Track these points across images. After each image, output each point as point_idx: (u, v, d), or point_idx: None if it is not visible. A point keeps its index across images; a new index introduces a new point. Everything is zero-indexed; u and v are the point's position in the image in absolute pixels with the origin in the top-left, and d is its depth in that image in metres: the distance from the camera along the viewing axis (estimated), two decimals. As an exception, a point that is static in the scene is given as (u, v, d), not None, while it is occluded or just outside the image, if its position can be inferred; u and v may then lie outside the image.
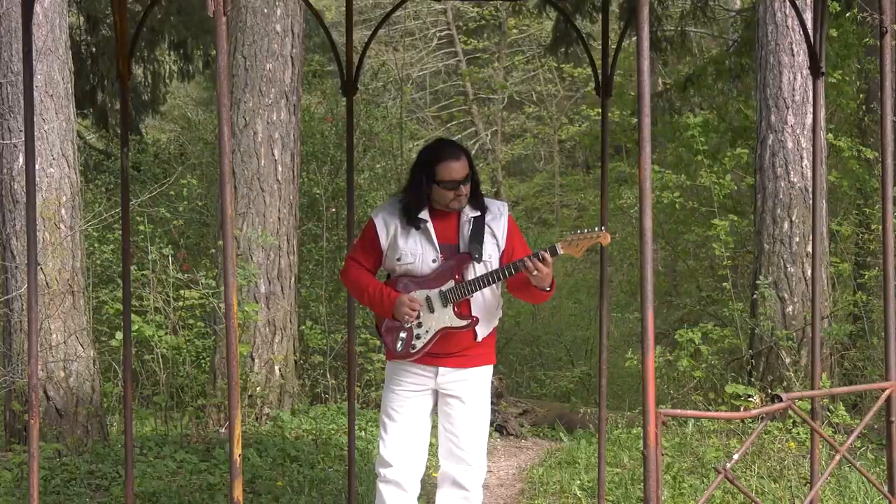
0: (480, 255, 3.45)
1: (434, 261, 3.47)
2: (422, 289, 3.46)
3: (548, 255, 3.33)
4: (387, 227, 3.53)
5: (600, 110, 4.50)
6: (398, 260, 3.50)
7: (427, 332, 3.46)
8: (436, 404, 3.60)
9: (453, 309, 3.44)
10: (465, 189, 3.46)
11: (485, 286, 3.41)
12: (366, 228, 3.61)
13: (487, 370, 3.61)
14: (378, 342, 7.42)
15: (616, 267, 15.25)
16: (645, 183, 2.53)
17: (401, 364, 3.57)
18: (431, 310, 3.45)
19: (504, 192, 18.42)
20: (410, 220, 3.49)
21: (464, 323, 3.44)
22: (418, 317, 3.45)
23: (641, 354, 2.51)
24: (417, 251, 3.48)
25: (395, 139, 10.89)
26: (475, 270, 3.46)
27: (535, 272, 3.32)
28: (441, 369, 3.52)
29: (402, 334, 3.49)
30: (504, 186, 18.82)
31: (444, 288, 3.44)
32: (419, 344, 3.47)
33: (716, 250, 7.64)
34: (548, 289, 3.41)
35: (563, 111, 18.90)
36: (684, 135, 9.22)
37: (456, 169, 3.43)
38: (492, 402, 3.73)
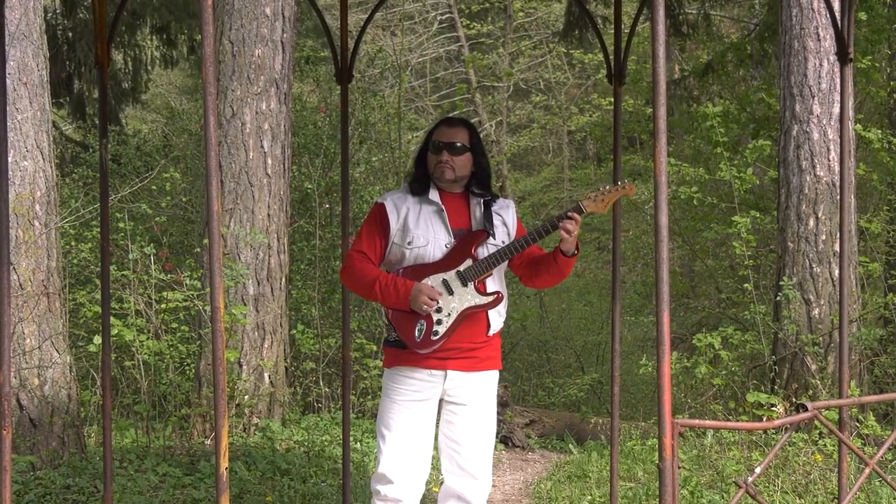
0: (494, 233, 3.51)
1: (447, 245, 3.49)
2: (436, 273, 3.47)
3: (576, 215, 3.39)
4: (397, 210, 3.54)
5: (612, 99, 4.49)
6: (409, 244, 3.50)
7: (449, 315, 3.45)
8: (438, 414, 3.60)
9: (475, 286, 3.46)
10: (451, 159, 3.50)
11: (508, 257, 3.46)
12: (372, 213, 3.60)
13: (494, 376, 3.62)
14: (374, 347, 7.41)
15: (629, 267, 15.24)
16: (660, 177, 2.53)
17: (402, 370, 3.54)
18: (451, 292, 3.46)
19: (509, 186, 18.43)
20: (422, 198, 3.54)
21: (489, 299, 3.46)
22: (437, 302, 3.45)
23: (657, 360, 2.51)
24: (430, 234, 3.50)
25: (393, 130, 10.89)
26: (488, 250, 3.51)
27: (572, 229, 3.38)
28: (450, 373, 3.51)
29: (421, 323, 3.47)
30: (509, 181, 18.82)
31: (461, 268, 3.46)
32: (441, 329, 3.44)
33: (736, 249, 7.63)
34: (575, 252, 3.46)
35: (573, 100, 18.90)
36: (703, 125, 9.21)
37: (446, 132, 3.53)
38: (496, 412, 3.72)
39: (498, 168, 18.07)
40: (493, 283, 3.52)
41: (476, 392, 3.54)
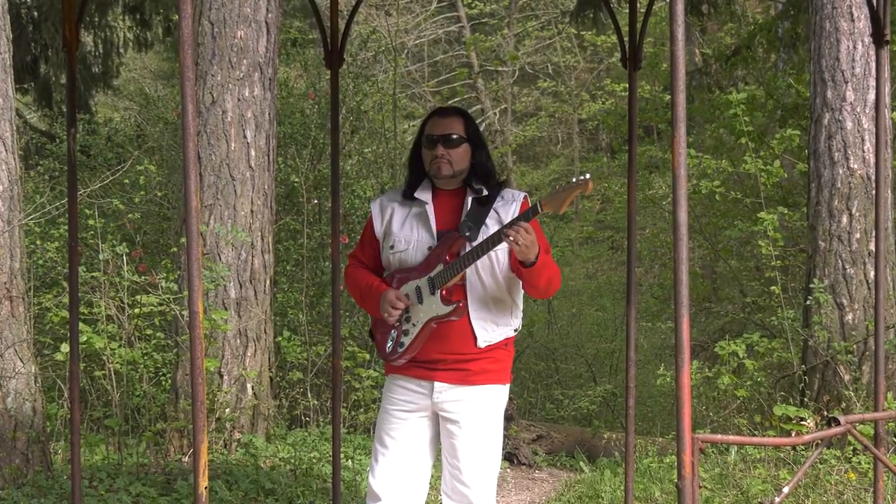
0: (475, 235, 3.43)
1: (430, 248, 3.50)
2: (412, 280, 3.49)
3: (526, 224, 3.26)
4: (382, 213, 3.59)
5: (627, 85, 4.49)
6: (391, 248, 3.54)
7: (415, 325, 3.47)
8: (438, 432, 3.60)
9: (441, 294, 3.43)
10: (447, 152, 3.47)
11: (472, 261, 3.38)
12: (368, 219, 3.71)
13: (496, 391, 3.56)
14: (367, 356, 7.42)
15: (646, 268, 15.24)
16: (679, 170, 2.53)
17: (396, 379, 3.58)
18: (420, 300, 3.47)
19: (515, 179, 18.42)
20: (408, 197, 3.53)
21: (448, 309, 3.41)
22: (407, 311, 3.48)
23: (675, 370, 2.51)
24: (412, 237, 3.51)
25: (388, 119, 10.88)
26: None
27: (520, 240, 3.25)
28: (437, 385, 3.50)
29: (392, 333, 3.54)
30: (514, 174, 18.82)
31: (432, 273, 3.46)
32: (407, 341, 3.48)
33: (762, 248, 7.63)
34: (533, 259, 3.33)
35: (584, 86, 18.89)
36: (726, 113, 9.21)
37: (439, 124, 3.50)
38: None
39: (502, 160, 18.07)
40: (480, 291, 3.45)
41: (471, 408, 3.51)
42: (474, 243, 3.43)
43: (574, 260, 15.94)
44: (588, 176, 3.26)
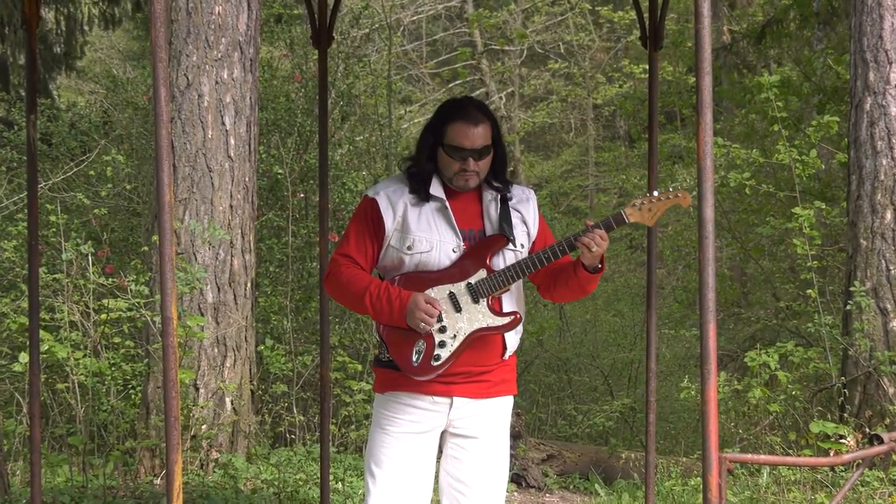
0: (514, 238, 3.50)
1: (454, 250, 3.48)
2: (441, 284, 3.46)
3: (603, 231, 3.37)
4: (393, 207, 3.52)
5: (647, 66, 4.49)
6: (409, 249, 3.48)
7: (454, 337, 3.42)
8: (440, 447, 3.59)
9: (488, 304, 3.44)
10: (477, 165, 3.47)
11: (530, 272, 3.44)
12: (362, 210, 3.59)
13: (508, 402, 3.62)
14: (360, 367, 7.42)
15: (668, 269, 15.24)
16: (705, 160, 2.53)
17: (399, 397, 3.52)
18: (458, 308, 3.43)
19: (523, 171, 18.44)
20: (421, 194, 3.52)
21: (505, 321, 3.44)
22: (440, 319, 3.42)
23: (701, 383, 2.52)
24: (434, 237, 3.48)
25: (382, 103, 10.88)
26: (505, 259, 3.49)
27: (594, 248, 3.36)
28: (456, 400, 3.49)
29: (420, 344, 3.44)
30: (523, 165, 18.84)
31: (472, 280, 3.44)
32: (445, 354, 3.42)
33: (797, 248, 7.64)
34: (599, 266, 3.45)
35: (600, 67, 18.90)
36: (757, 98, 9.22)
37: (469, 134, 3.45)
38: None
39: (509, 150, 18.07)
40: (510, 299, 3.51)
41: (487, 422, 3.54)
42: (515, 248, 3.49)
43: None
44: (682, 187, 3.33)
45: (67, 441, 6.31)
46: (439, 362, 3.41)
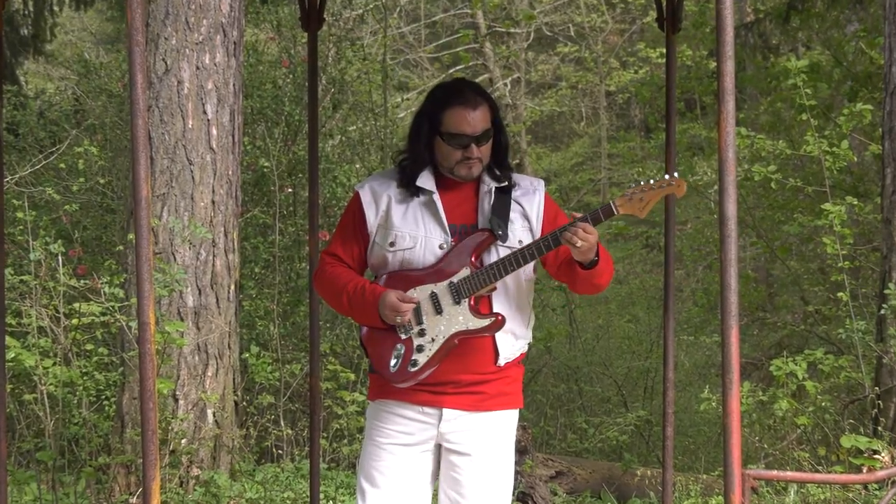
0: (506, 233, 3.47)
1: (441, 246, 3.48)
2: (424, 284, 3.47)
3: (588, 224, 3.32)
4: (376, 201, 3.55)
5: (665, 50, 4.49)
6: (391, 245, 3.50)
7: (433, 341, 3.43)
8: (439, 464, 3.60)
9: (469, 305, 3.43)
10: (479, 151, 3.47)
11: (513, 269, 3.41)
12: (349, 205, 3.64)
13: (510, 417, 3.60)
14: (352, 376, 7.42)
15: (687, 270, 15.23)
16: (727, 152, 2.53)
17: (388, 405, 3.55)
18: (438, 310, 3.44)
19: (529, 164, 18.44)
20: (409, 188, 3.52)
21: (485, 322, 3.42)
22: (420, 322, 3.44)
23: (722, 393, 2.52)
24: (419, 233, 3.49)
25: (377, 91, 10.88)
26: (498, 254, 3.47)
27: (579, 243, 3.32)
28: (446, 412, 3.50)
29: (399, 348, 3.47)
30: (530, 157, 18.84)
31: (455, 279, 3.44)
32: (422, 359, 3.44)
33: (827, 247, 7.64)
34: (596, 258, 3.42)
35: (613, 51, 18.91)
36: (783, 84, 9.22)
37: (469, 119, 3.46)
38: (513, 461, 3.72)
39: (515, 140, 18.06)
40: (504, 300, 3.49)
41: (484, 438, 3.53)
42: (506, 243, 3.46)
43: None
44: (677, 176, 3.32)
45: (36, 456, 6.31)
46: (416, 368, 3.44)
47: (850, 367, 7.26)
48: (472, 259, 3.44)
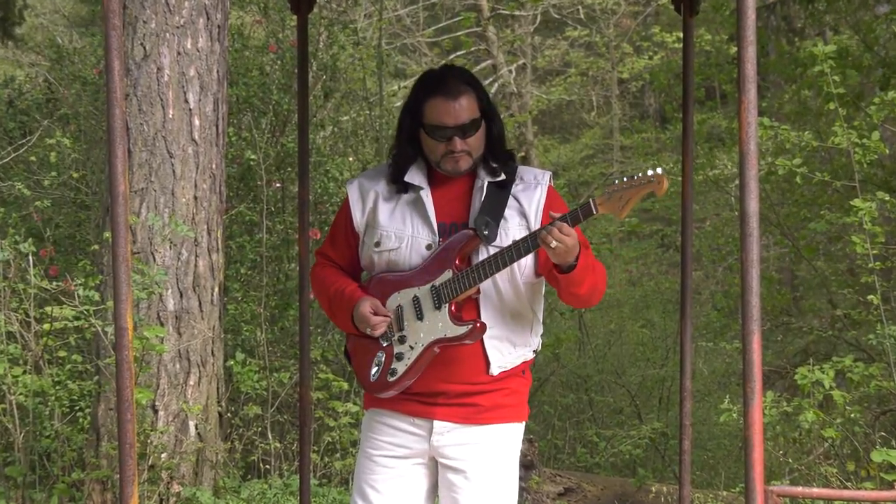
0: (494, 233, 3.43)
1: (429, 247, 3.48)
2: (407, 287, 3.48)
3: (565, 224, 3.26)
4: (363, 199, 3.57)
5: (682, 34, 4.50)
6: (377, 245, 3.52)
7: (412, 348, 3.45)
8: (436, 481, 3.61)
9: (450, 310, 3.43)
10: (465, 143, 3.46)
11: (493, 272, 3.38)
12: (342, 203, 3.68)
13: (512, 432, 3.60)
14: (345, 385, 7.43)
15: (706, 271, 15.22)
16: (749, 144, 2.53)
17: (381, 415, 3.57)
18: (419, 315, 3.45)
19: (536, 157, 18.45)
20: (398, 184, 3.53)
21: (463, 330, 3.40)
22: (401, 328, 3.46)
23: (744, 404, 2.52)
24: (405, 232, 3.50)
25: (372, 78, 10.88)
26: (488, 254, 3.44)
27: (553, 244, 3.26)
28: (437, 424, 3.51)
29: (380, 356, 3.50)
30: (536, 150, 18.85)
31: (437, 282, 3.44)
32: (401, 368, 3.45)
33: (857, 246, 7.64)
34: (572, 262, 3.34)
35: (626, 36, 18.91)
36: (810, 71, 9.22)
37: (451, 110, 3.45)
38: (518, 476, 3.72)
39: (520, 131, 18.09)
40: (497, 305, 3.46)
41: (480, 454, 3.53)
42: (494, 243, 3.44)
43: (613, 261, 15.94)
44: (660, 171, 3.27)
45: (4, 472, 6.31)
46: (395, 377, 3.46)
47: (882, 376, 7.25)
48: (457, 261, 3.43)
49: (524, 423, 3.64)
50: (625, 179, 3.31)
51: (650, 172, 3.28)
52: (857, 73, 10.18)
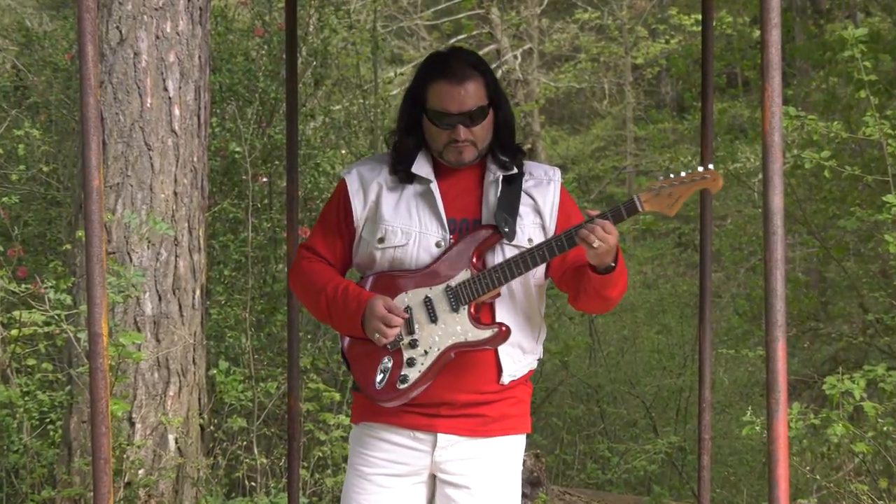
0: (513, 230, 3.45)
1: (439, 244, 3.47)
2: (417, 287, 3.46)
3: (608, 222, 3.28)
4: (364, 190, 3.54)
5: (700, 17, 4.50)
6: (380, 242, 3.49)
7: (426, 353, 3.42)
8: (433, 497, 3.60)
9: (469, 313, 3.43)
10: (470, 132, 3.45)
11: (521, 272, 3.40)
12: (333, 195, 3.64)
13: (516, 444, 3.61)
14: (337, 396, 7.43)
15: (727, 273, 15.22)
16: (773, 135, 2.53)
17: (374, 429, 3.56)
18: (433, 318, 3.43)
19: (543, 150, 18.45)
20: (402, 174, 3.51)
21: (487, 334, 3.41)
22: (411, 331, 3.43)
23: (767, 416, 2.52)
24: (412, 227, 3.48)
25: (366, 64, 10.88)
26: (504, 255, 3.46)
27: (596, 243, 3.27)
28: (441, 437, 3.51)
29: (386, 361, 3.46)
30: (543, 142, 18.85)
31: (452, 282, 3.43)
32: (413, 375, 3.42)
33: (890, 246, 7.64)
34: (613, 264, 3.38)
35: (641, 18, 18.91)
36: (839, 56, 9.22)
37: (455, 95, 3.44)
38: (523, 494, 3.73)
39: (526, 122, 18.10)
40: (510, 308, 3.48)
41: (484, 469, 3.53)
42: (514, 241, 3.44)
43: (627, 262, 15.94)
44: (711, 166, 3.30)
45: (-31, 489, 6.32)
46: (406, 385, 3.43)
47: (917, 386, 7.26)
48: (474, 260, 3.43)
49: (527, 434, 3.65)
50: (671, 176, 3.34)
51: (700, 169, 3.32)
52: (890, 58, 10.18)
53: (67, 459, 6.64)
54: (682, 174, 3.34)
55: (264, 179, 8.80)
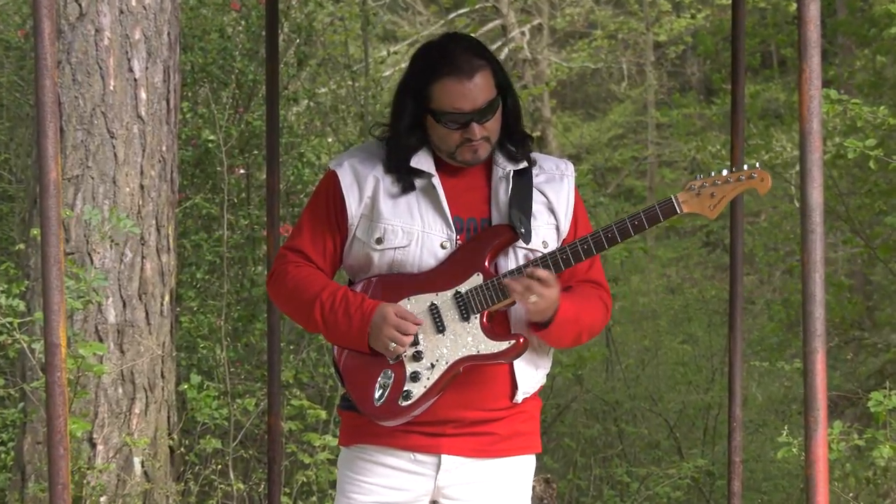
0: (529, 230, 3.46)
1: (444, 245, 3.48)
2: (421, 293, 3.47)
3: (548, 273, 3.36)
4: (359, 184, 3.53)
5: (731, -11, 4.51)
6: (378, 242, 3.48)
7: (432, 367, 3.42)
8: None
9: (481, 323, 3.43)
10: (483, 128, 3.45)
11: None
12: (319, 189, 3.64)
13: (526, 464, 3.63)
14: (323, 414, 7.43)
15: (760, 276, 15.23)
16: (812, 122, 2.54)
17: (368, 452, 3.56)
18: (440, 328, 3.43)
19: (555, 138, 18.47)
20: (401, 168, 3.50)
21: (502, 346, 3.40)
22: (415, 342, 3.43)
23: (804, 436, 2.53)
24: (414, 227, 3.48)
25: (355, 43, 10.88)
26: (517, 260, 3.47)
27: (533, 298, 3.33)
28: (446, 459, 3.51)
29: (386, 375, 3.45)
30: (555, 129, 18.86)
31: (462, 288, 3.43)
32: (418, 390, 3.41)
33: (943, 245, 7.66)
34: (551, 319, 3.40)
35: (664, -10, 18.91)
36: (885, 33, 9.23)
37: (466, 92, 3.42)
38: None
39: (536, 107, 18.11)
40: (523, 318, 3.48)
41: (493, 493, 3.55)
42: (529, 244, 3.46)
43: (647, 264, 15.96)
44: (759, 167, 3.31)
45: (-89, 519, 6.33)
46: (410, 401, 3.42)
47: (973, 403, 7.27)
48: (486, 263, 3.44)
49: (537, 454, 3.67)
50: (712, 174, 3.35)
51: (746, 167, 3.33)
52: (942, 35, 10.19)
53: (21, 485, 6.65)
54: (725, 172, 3.34)
55: (241, 171, 8.81)
